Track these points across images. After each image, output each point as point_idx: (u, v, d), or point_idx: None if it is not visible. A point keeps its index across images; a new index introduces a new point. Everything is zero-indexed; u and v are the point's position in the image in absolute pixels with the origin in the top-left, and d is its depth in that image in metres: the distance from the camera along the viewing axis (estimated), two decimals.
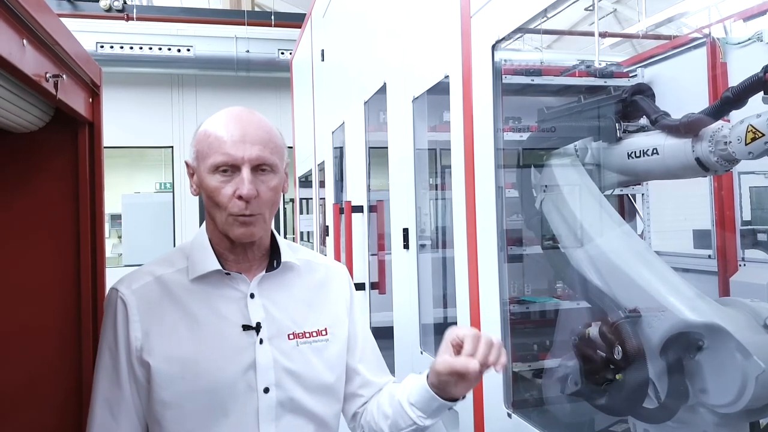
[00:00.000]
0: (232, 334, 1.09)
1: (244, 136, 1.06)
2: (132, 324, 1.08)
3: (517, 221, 2.15)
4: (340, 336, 1.20)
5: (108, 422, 1.08)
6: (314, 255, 1.28)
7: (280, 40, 7.06)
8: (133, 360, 1.07)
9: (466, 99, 1.68)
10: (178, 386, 1.05)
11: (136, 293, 1.10)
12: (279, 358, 1.10)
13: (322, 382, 1.15)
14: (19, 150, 1.43)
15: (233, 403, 1.07)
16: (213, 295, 1.11)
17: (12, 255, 1.40)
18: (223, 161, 1.05)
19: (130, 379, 1.08)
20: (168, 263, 1.14)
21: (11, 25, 1.02)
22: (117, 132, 6.80)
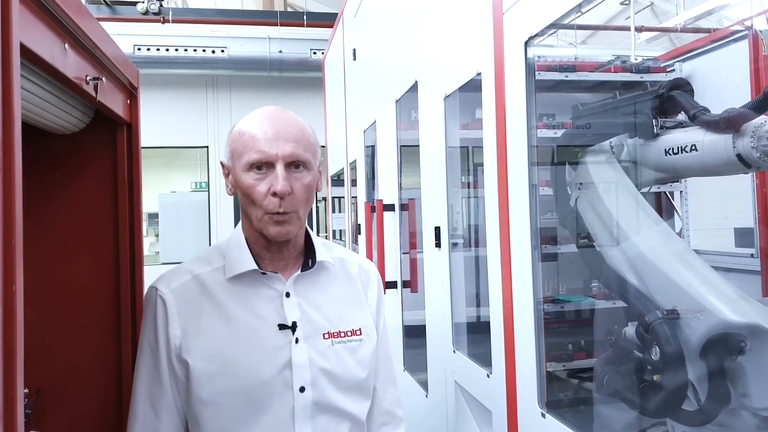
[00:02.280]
0: (269, 333, 1.10)
1: (278, 134, 1.07)
2: (171, 322, 1.10)
3: (551, 219, 2.12)
4: (373, 335, 1.21)
5: (151, 418, 1.10)
6: (348, 253, 1.28)
7: (312, 39, 7.11)
8: (173, 358, 1.09)
9: (499, 96, 1.66)
10: (216, 384, 1.07)
11: (175, 292, 1.12)
12: (315, 358, 1.11)
13: (355, 381, 1.15)
14: (61, 151, 1.47)
15: (269, 402, 1.08)
16: (249, 294, 1.12)
17: (54, 253, 1.44)
18: (258, 159, 1.06)
19: (170, 376, 1.10)
20: (206, 262, 1.16)
21: (54, 30, 1.05)
22: (154, 132, 6.96)
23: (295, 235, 1.11)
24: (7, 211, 0.79)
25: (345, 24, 4.33)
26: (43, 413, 1.35)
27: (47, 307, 1.38)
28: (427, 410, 2.41)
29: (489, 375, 1.78)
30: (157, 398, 1.10)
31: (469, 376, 1.98)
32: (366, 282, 1.25)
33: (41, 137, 1.40)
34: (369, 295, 1.24)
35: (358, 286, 1.23)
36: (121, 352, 1.48)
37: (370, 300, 1.24)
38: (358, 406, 1.16)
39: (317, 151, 1.14)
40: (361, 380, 1.16)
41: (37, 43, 0.96)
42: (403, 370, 2.77)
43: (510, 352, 1.63)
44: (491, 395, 1.77)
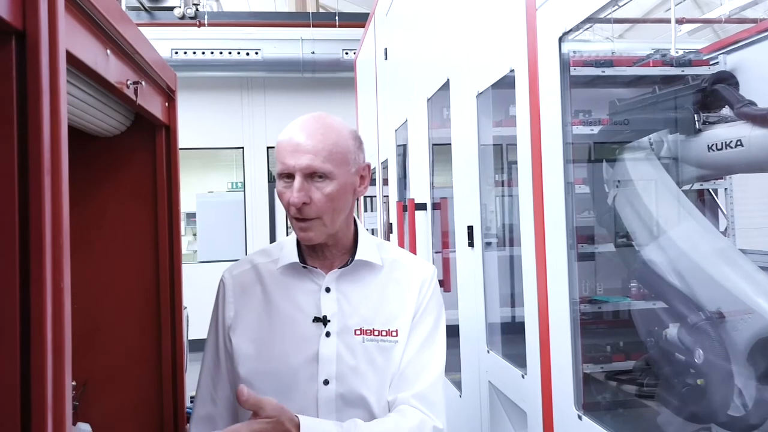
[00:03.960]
0: (303, 324, 1.16)
1: (299, 146, 1.11)
2: (228, 304, 1.21)
3: (588, 218, 2.08)
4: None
5: (208, 386, 1.22)
6: (404, 255, 1.29)
7: (344, 40, 7.13)
8: (226, 335, 1.19)
9: (533, 93, 1.64)
10: (252, 365, 1.15)
11: (235, 278, 1.23)
12: (343, 353, 1.14)
13: (384, 381, 1.16)
14: (104, 153, 1.52)
15: (296, 390, 1.13)
16: (293, 286, 1.19)
17: (97, 252, 1.49)
18: (282, 169, 1.13)
19: (225, 351, 1.20)
20: (266, 254, 1.26)
21: (97, 37, 1.08)
22: (191, 134, 7.10)
23: (321, 240, 1.16)
24: (56, 211, 0.81)
25: (376, 23, 4.34)
26: (89, 405, 1.40)
27: (91, 303, 1.43)
28: (460, 410, 2.40)
29: (524, 376, 1.76)
30: (216, 371, 1.22)
31: (503, 377, 1.96)
32: (416, 285, 1.23)
33: (85, 140, 1.44)
34: (417, 299, 1.22)
35: (405, 289, 1.22)
36: (161, 346, 1.52)
37: (417, 302, 1.21)
38: (383, 405, 1.17)
39: (346, 159, 1.15)
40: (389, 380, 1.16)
41: (81, 49, 0.99)
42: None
43: (545, 352, 1.61)
44: (526, 396, 1.75)
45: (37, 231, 0.79)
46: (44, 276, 0.79)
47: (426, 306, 1.23)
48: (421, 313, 1.22)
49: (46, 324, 0.79)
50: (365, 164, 1.21)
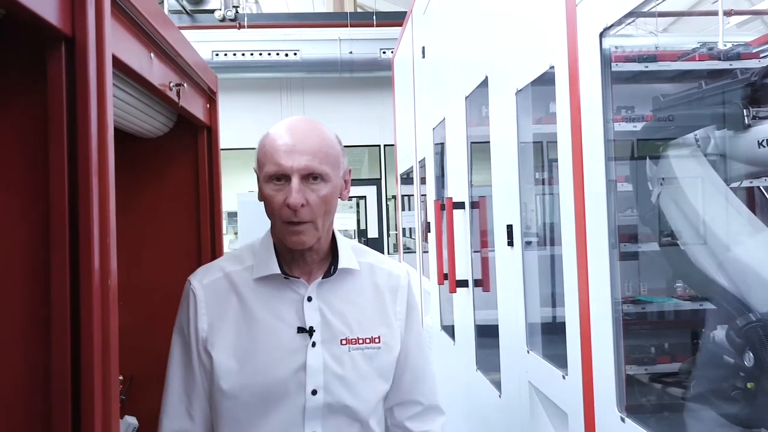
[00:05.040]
0: (287, 335, 1.13)
1: (294, 147, 1.09)
2: (200, 316, 1.16)
3: (631, 216, 2.03)
4: (394, 345, 1.21)
5: (182, 401, 1.17)
6: (379, 258, 1.28)
7: (382, 39, 7.15)
8: (200, 349, 1.15)
9: (573, 90, 1.61)
10: (236, 379, 1.12)
11: (206, 287, 1.17)
12: (329, 363, 1.14)
13: (369, 388, 1.17)
14: (147, 154, 1.56)
15: (284, 400, 1.12)
16: (273, 297, 1.15)
17: (142, 250, 1.53)
18: (275, 171, 1.09)
19: (199, 365, 1.16)
20: (238, 260, 1.20)
21: (141, 41, 1.11)
22: (231, 135, 7.23)
23: (312, 244, 1.13)
24: (103, 211, 0.84)
25: (414, 22, 4.33)
26: (135, 400, 1.44)
27: (136, 301, 1.47)
28: (500, 410, 2.38)
29: (565, 376, 1.73)
30: (189, 384, 1.17)
31: (543, 377, 1.93)
32: (394, 289, 1.24)
33: (130, 141, 1.49)
34: (397, 303, 1.23)
35: (384, 294, 1.22)
36: None
37: (398, 308, 1.23)
38: (369, 411, 1.18)
39: (338, 162, 1.14)
40: (375, 387, 1.18)
41: (126, 53, 1.02)
42: (476, 370, 2.75)
43: (587, 353, 1.57)
44: (567, 397, 1.72)
45: (86, 231, 0.81)
46: (92, 274, 0.82)
47: (412, 314, 1.26)
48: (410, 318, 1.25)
49: (95, 321, 0.82)
50: (348, 168, 1.20)
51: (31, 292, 0.81)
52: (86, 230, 0.81)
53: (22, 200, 0.82)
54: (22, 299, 0.82)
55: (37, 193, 0.81)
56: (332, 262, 1.19)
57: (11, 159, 0.82)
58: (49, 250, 0.80)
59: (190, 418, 1.16)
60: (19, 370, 0.81)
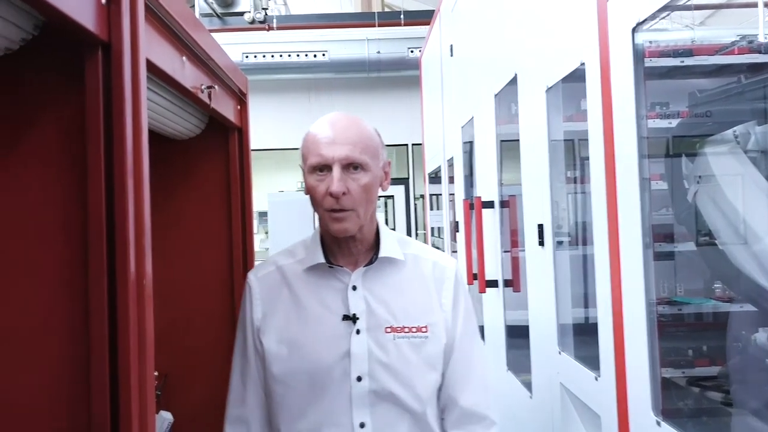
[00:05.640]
0: (333, 322, 1.17)
1: (335, 138, 1.14)
2: (255, 306, 1.23)
3: (666, 215, 1.98)
4: (441, 335, 1.21)
5: (239, 388, 1.24)
6: (425, 250, 1.30)
7: (410, 38, 7.13)
8: (255, 337, 1.22)
9: (604, 87, 1.58)
10: (285, 365, 1.17)
11: (261, 280, 1.25)
12: (374, 350, 1.16)
13: (418, 377, 1.17)
14: (180, 155, 1.59)
15: (330, 386, 1.15)
16: (320, 285, 1.21)
17: (175, 249, 1.56)
18: (317, 162, 1.15)
19: (254, 353, 1.22)
20: (290, 254, 1.28)
21: (173, 45, 1.13)
22: (261, 135, 7.30)
23: (355, 232, 1.17)
24: (138, 212, 0.86)
25: (442, 20, 4.31)
26: (169, 396, 1.47)
27: (170, 299, 1.50)
28: (531, 411, 2.35)
29: (597, 378, 1.70)
30: (245, 371, 1.24)
31: (575, 379, 1.91)
32: (440, 280, 1.25)
33: (163, 143, 1.52)
34: (443, 294, 1.24)
35: (430, 284, 1.24)
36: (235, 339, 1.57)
37: (444, 299, 1.24)
38: (420, 402, 1.18)
39: (378, 153, 1.19)
40: (426, 379, 1.18)
41: (159, 57, 1.04)
42: (506, 370, 2.72)
43: (620, 355, 1.54)
44: (600, 399, 1.69)
45: (122, 230, 0.83)
46: (128, 273, 0.83)
47: (459, 306, 1.25)
48: (456, 309, 1.24)
49: (131, 318, 0.83)
50: (387, 161, 1.24)
51: (70, 291, 0.84)
52: (122, 229, 0.83)
53: (61, 200, 0.84)
54: (62, 298, 0.84)
55: (75, 192, 0.83)
56: (377, 252, 1.22)
57: (51, 160, 0.85)
58: (87, 250, 0.83)
59: (247, 404, 1.23)
60: (61, 367, 0.84)
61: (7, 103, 0.85)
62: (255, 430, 1.23)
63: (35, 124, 0.85)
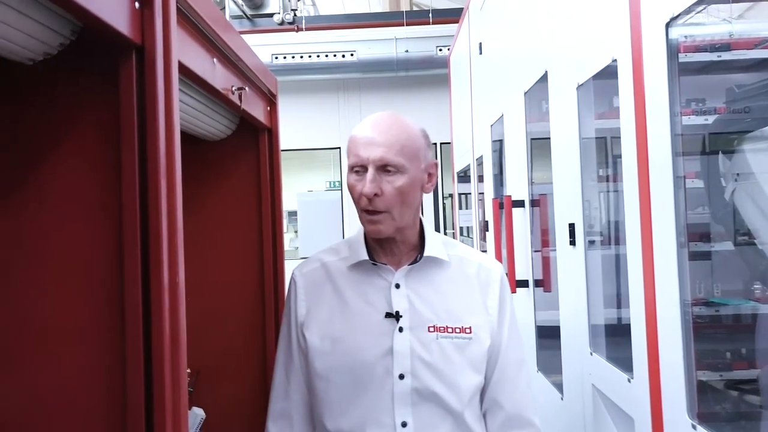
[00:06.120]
0: (375, 320, 1.17)
1: (372, 139, 1.15)
2: (299, 302, 1.24)
3: (702, 214, 1.93)
4: (484, 338, 1.20)
5: (283, 382, 1.26)
6: (470, 252, 1.29)
7: (438, 36, 7.10)
8: (299, 332, 1.23)
9: (637, 83, 1.54)
10: (327, 360, 1.18)
11: (305, 276, 1.26)
12: (416, 348, 1.15)
13: (461, 378, 1.16)
14: (211, 156, 1.61)
15: (371, 384, 1.15)
16: (363, 283, 1.21)
17: (206, 248, 1.58)
18: (355, 162, 1.16)
19: (298, 348, 1.23)
20: (334, 252, 1.28)
21: (204, 47, 1.15)
22: (291, 135, 7.38)
23: (389, 233, 1.17)
24: (171, 211, 0.88)
25: (471, 18, 4.28)
26: (201, 392, 1.50)
27: (202, 297, 1.53)
28: (562, 413, 2.32)
29: (630, 380, 1.67)
30: (289, 366, 1.25)
31: (607, 380, 1.87)
32: (486, 283, 1.24)
33: (195, 144, 1.54)
34: (489, 297, 1.23)
35: (475, 286, 1.23)
36: (265, 337, 1.60)
37: (490, 301, 1.23)
38: (463, 403, 1.17)
39: (418, 155, 1.18)
40: (467, 378, 1.17)
41: (191, 59, 1.06)
42: (537, 371, 2.69)
43: (653, 356, 1.51)
44: (633, 401, 1.66)
45: (155, 229, 0.85)
46: (161, 271, 0.85)
47: (504, 310, 1.24)
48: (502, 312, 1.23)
49: (164, 315, 0.85)
50: (433, 162, 1.23)
51: (106, 290, 0.86)
52: (155, 228, 0.85)
53: (97, 199, 0.87)
54: (98, 296, 0.86)
55: (110, 192, 0.86)
56: (421, 252, 1.22)
57: (89, 161, 0.87)
58: (122, 248, 0.85)
59: (290, 398, 1.24)
60: (98, 365, 0.86)
61: (48, 106, 0.87)
62: (297, 424, 1.24)
63: (74, 127, 0.87)
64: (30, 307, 0.87)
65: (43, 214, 0.87)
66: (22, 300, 0.86)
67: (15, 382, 0.86)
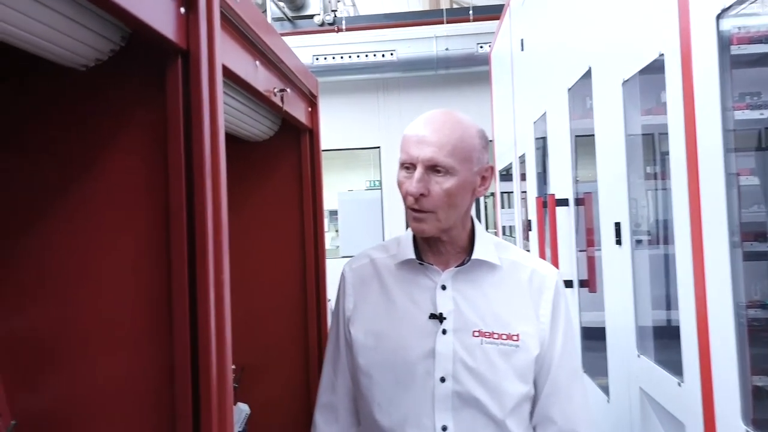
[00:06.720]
0: (420, 320, 1.16)
1: (423, 138, 1.12)
2: (347, 297, 1.25)
3: (758, 213, 1.85)
4: (533, 346, 1.15)
5: (330, 375, 1.27)
6: (525, 256, 1.24)
7: (479, 34, 7.04)
8: (345, 326, 1.23)
9: (686, 78, 1.49)
10: (370, 356, 1.18)
11: (354, 271, 1.27)
12: (459, 352, 1.13)
13: (505, 386, 1.12)
14: (254, 156, 1.64)
15: (412, 384, 1.14)
16: (410, 282, 1.20)
17: (249, 247, 1.61)
18: (404, 159, 1.14)
19: (344, 343, 1.24)
20: (384, 249, 1.28)
21: (247, 50, 1.18)
22: (331, 136, 7.43)
23: (434, 233, 1.15)
24: (216, 210, 0.90)
25: (512, 14, 4.23)
26: (246, 388, 1.53)
27: (246, 295, 1.56)
28: (608, 416, 2.27)
29: (680, 383, 1.61)
30: (336, 360, 1.26)
31: (656, 383, 1.82)
32: (539, 289, 1.19)
33: (238, 145, 1.57)
34: (542, 304, 1.18)
35: (526, 292, 1.18)
36: (307, 334, 1.62)
37: (542, 309, 1.17)
38: (505, 412, 1.13)
39: (470, 157, 1.13)
40: (516, 390, 1.13)
41: (234, 62, 1.08)
42: (582, 373, 2.64)
43: (705, 360, 1.46)
44: (683, 406, 1.61)
45: (201, 228, 0.87)
46: (207, 269, 0.87)
47: (558, 319, 1.18)
48: (555, 321, 1.18)
49: (210, 312, 0.87)
50: (488, 165, 1.18)
51: (154, 287, 0.88)
52: (201, 227, 0.87)
53: (144, 200, 0.89)
54: (147, 294, 0.89)
55: (157, 193, 0.88)
56: (470, 254, 1.19)
57: (138, 163, 0.90)
58: (169, 246, 0.87)
59: (335, 391, 1.26)
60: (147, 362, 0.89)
61: (98, 109, 0.91)
62: (343, 417, 1.25)
63: (123, 129, 0.91)
64: (82, 304, 0.90)
65: (93, 214, 0.90)
66: (73, 298, 0.90)
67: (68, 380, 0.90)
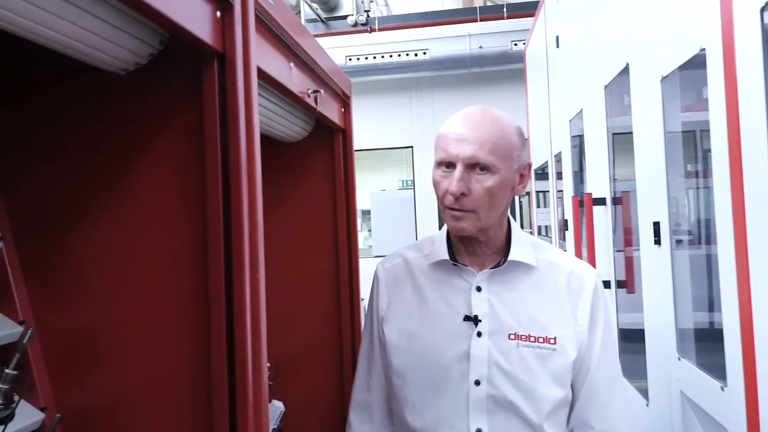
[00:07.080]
0: (454, 322, 1.14)
1: (463, 135, 1.09)
2: (381, 296, 1.24)
3: None
4: (571, 350, 1.12)
5: (365, 375, 1.27)
6: (563, 257, 1.21)
7: (513, 31, 6.96)
8: (379, 326, 1.23)
9: (728, 73, 1.45)
10: (404, 357, 1.17)
11: (388, 271, 1.26)
12: (494, 355, 1.10)
13: (542, 389, 1.10)
14: (289, 156, 1.66)
15: (447, 387, 1.12)
16: (444, 282, 1.18)
17: (284, 246, 1.63)
18: (442, 158, 1.11)
19: (378, 342, 1.24)
20: (417, 249, 1.27)
21: (281, 52, 1.19)
22: (364, 136, 7.45)
23: (473, 232, 1.12)
24: (252, 209, 0.91)
25: (547, 11, 4.17)
26: (280, 386, 1.55)
27: (281, 294, 1.58)
28: (648, 419, 2.21)
29: (723, 388, 1.56)
30: (371, 359, 1.26)
31: (698, 387, 1.77)
32: (577, 291, 1.15)
33: (273, 145, 1.60)
34: (580, 306, 1.14)
35: (564, 294, 1.15)
36: (341, 333, 1.63)
37: (581, 311, 1.14)
38: (542, 416, 1.10)
39: (511, 155, 1.11)
40: (548, 390, 1.10)
41: (269, 64, 1.09)
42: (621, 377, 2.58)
43: (749, 363, 1.41)
44: (727, 411, 1.56)
45: (238, 227, 0.89)
46: (243, 268, 0.89)
47: (597, 321, 1.15)
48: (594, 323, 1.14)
49: (246, 312, 0.89)
50: (527, 163, 1.15)
51: (192, 285, 0.90)
52: (238, 227, 0.89)
53: (183, 200, 0.92)
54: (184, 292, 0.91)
55: (195, 193, 0.90)
56: (506, 255, 1.16)
57: (176, 163, 0.92)
58: (206, 246, 0.89)
59: (370, 390, 1.26)
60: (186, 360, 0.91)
61: (138, 112, 0.93)
62: (377, 416, 1.25)
63: (161, 131, 0.93)
64: (123, 303, 0.93)
65: (133, 214, 0.93)
66: (114, 298, 0.93)
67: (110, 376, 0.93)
